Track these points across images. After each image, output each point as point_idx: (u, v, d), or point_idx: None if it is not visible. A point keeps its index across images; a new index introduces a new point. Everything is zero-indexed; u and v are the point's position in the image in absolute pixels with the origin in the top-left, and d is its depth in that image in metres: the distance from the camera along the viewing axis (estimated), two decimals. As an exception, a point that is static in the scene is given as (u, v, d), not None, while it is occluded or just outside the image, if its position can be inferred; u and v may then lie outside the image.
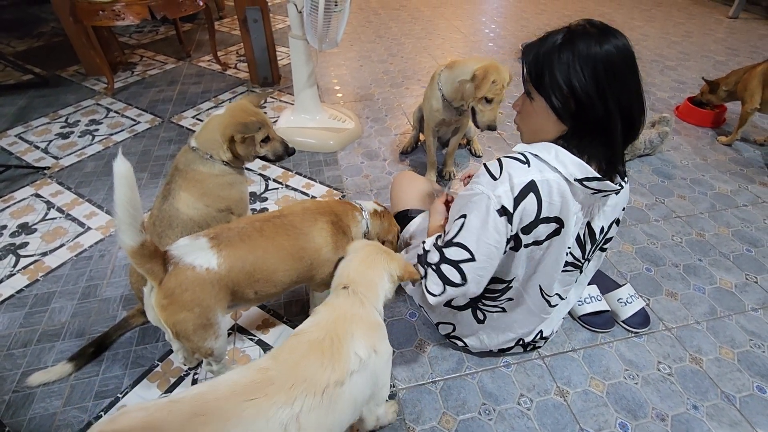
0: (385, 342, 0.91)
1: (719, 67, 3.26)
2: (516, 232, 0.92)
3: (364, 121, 2.54)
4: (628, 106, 0.85)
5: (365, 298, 0.90)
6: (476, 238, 0.90)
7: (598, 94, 0.82)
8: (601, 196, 0.93)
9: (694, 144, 2.40)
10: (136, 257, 0.87)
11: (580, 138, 0.88)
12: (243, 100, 1.39)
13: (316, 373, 0.76)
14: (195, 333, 0.97)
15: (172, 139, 2.34)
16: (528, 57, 0.90)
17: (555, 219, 0.92)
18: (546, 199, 0.89)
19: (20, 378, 1.24)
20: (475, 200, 0.90)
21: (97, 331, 1.36)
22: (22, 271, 1.58)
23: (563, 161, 0.87)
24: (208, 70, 3.14)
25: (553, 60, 0.84)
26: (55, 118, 2.52)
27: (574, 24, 0.86)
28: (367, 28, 4.01)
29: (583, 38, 0.82)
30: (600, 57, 0.81)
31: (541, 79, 0.87)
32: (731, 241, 1.76)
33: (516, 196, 0.87)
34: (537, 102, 0.90)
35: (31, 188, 1.98)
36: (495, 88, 1.63)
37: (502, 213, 0.88)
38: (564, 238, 0.96)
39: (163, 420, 0.66)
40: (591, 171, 0.87)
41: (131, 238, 0.84)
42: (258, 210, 1.88)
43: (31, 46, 3.48)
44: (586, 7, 4.65)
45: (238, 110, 1.32)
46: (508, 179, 0.88)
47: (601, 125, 0.85)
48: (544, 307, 1.13)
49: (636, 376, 1.28)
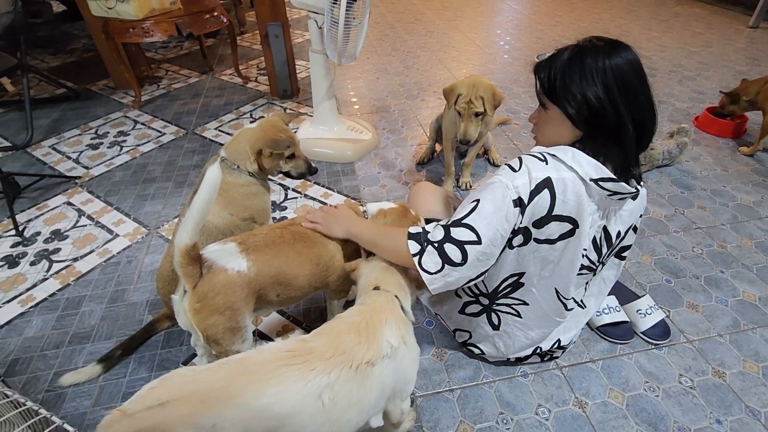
0: (414, 339, 0.96)
1: (739, 77, 3.20)
2: (526, 225, 0.95)
3: (380, 132, 2.59)
4: (640, 113, 0.90)
5: (396, 296, 0.96)
6: (487, 223, 0.93)
7: (610, 102, 0.88)
8: (617, 198, 0.95)
9: (714, 154, 2.37)
10: (185, 257, 0.91)
11: (594, 141, 0.93)
12: (274, 116, 1.44)
13: (353, 348, 0.82)
14: (224, 336, 1.01)
15: (195, 150, 2.42)
16: (540, 72, 0.96)
17: (568, 219, 0.94)
18: (560, 197, 0.92)
19: (53, 378, 1.30)
20: (491, 187, 0.94)
21: (124, 335, 1.41)
22: (54, 275, 1.65)
23: (579, 161, 0.91)
24: (229, 84, 3.25)
25: (564, 72, 0.91)
26: (85, 129, 2.64)
27: (582, 40, 0.93)
28: (383, 41, 4.09)
29: (591, 52, 0.88)
30: (610, 68, 0.87)
31: (554, 89, 0.93)
32: (754, 253, 1.73)
33: (532, 190, 0.91)
34: (551, 111, 0.96)
35: (64, 196, 2.07)
36: (461, 101, 1.74)
37: (517, 204, 0.92)
38: (579, 239, 0.97)
39: (210, 379, 0.72)
40: (607, 172, 0.90)
41: (190, 237, 0.89)
42: (278, 218, 1.93)
43: (64, 62, 3.65)
44: (602, 18, 4.65)
45: (269, 126, 1.37)
46: (527, 172, 0.92)
47: (614, 130, 0.90)
48: (561, 310, 1.13)
49: (657, 388, 1.27)
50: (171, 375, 0.74)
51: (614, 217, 1.02)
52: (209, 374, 0.74)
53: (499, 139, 2.51)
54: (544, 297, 1.11)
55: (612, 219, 1.02)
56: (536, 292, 1.10)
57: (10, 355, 1.37)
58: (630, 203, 1.02)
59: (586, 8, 5.06)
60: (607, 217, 1.01)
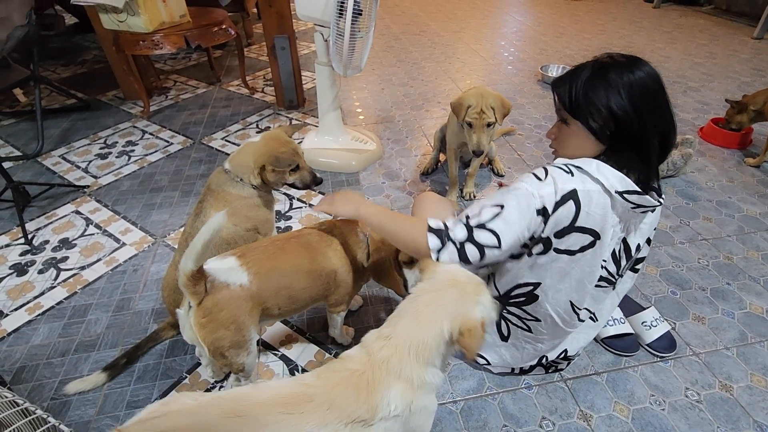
0: (429, 397, 0.85)
1: (744, 88, 3.22)
2: (548, 235, 0.95)
3: (385, 142, 2.61)
4: (663, 123, 0.93)
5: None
6: (511, 230, 0.93)
7: (635, 114, 0.90)
8: (641, 211, 0.96)
9: (719, 165, 2.36)
10: (191, 279, 0.93)
11: (618, 154, 0.94)
12: (278, 129, 1.46)
13: (350, 404, 0.77)
14: (230, 350, 1.02)
15: (202, 160, 2.45)
16: (560, 88, 0.97)
17: (591, 231, 0.95)
18: (585, 209, 0.92)
19: (58, 386, 1.31)
20: (517, 194, 0.94)
21: (129, 343, 1.42)
22: (62, 284, 1.67)
23: (604, 173, 0.92)
24: (236, 94, 3.30)
25: (588, 88, 0.92)
26: (95, 139, 2.68)
27: (601, 56, 0.95)
28: (388, 52, 4.14)
29: (614, 67, 0.91)
30: (634, 82, 0.89)
31: (577, 104, 0.94)
32: (761, 264, 1.72)
33: (558, 200, 0.91)
34: (573, 126, 0.97)
35: (72, 205, 2.10)
36: (472, 112, 1.76)
37: (540, 213, 0.92)
38: (599, 250, 0.98)
39: (207, 413, 0.72)
40: (632, 184, 0.91)
41: (195, 264, 0.91)
42: (282, 228, 1.95)
43: (74, 73, 3.72)
44: (606, 30, 4.68)
45: (273, 141, 1.38)
46: (553, 183, 0.92)
47: (638, 142, 0.92)
48: (574, 321, 1.12)
49: (663, 401, 1.26)
50: (173, 400, 0.74)
51: (634, 230, 1.03)
52: (207, 408, 0.73)
53: (503, 149, 2.52)
54: (557, 310, 1.10)
55: (632, 232, 1.03)
56: (549, 306, 1.09)
57: (17, 363, 1.38)
58: (649, 216, 1.03)
59: (590, 20, 5.10)
60: (627, 230, 1.02)
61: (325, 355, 1.40)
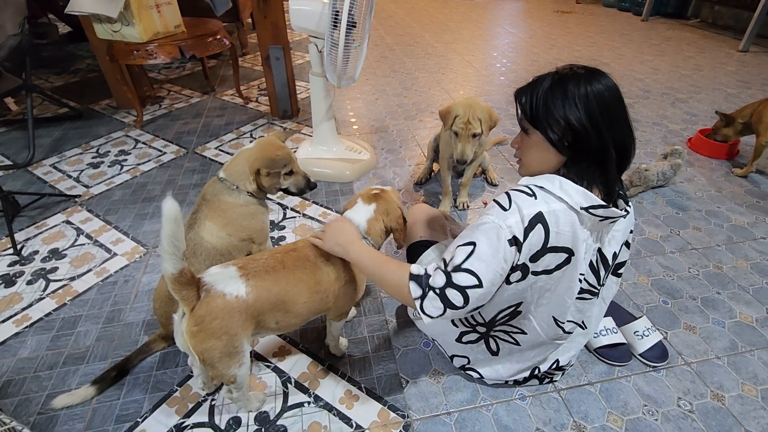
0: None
1: (731, 99, 3.29)
2: (524, 261, 0.95)
3: (379, 152, 2.62)
4: (621, 136, 0.93)
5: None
6: (486, 266, 0.93)
7: (592, 127, 0.90)
8: (609, 222, 0.97)
9: (708, 176, 2.40)
10: (175, 284, 0.92)
11: (578, 165, 0.95)
12: (271, 136, 1.47)
13: None
14: (221, 360, 1.00)
15: (195, 169, 2.44)
16: (521, 98, 0.98)
17: (564, 249, 0.95)
18: (553, 229, 0.92)
19: (45, 400, 1.28)
20: (485, 228, 0.93)
21: (119, 355, 1.40)
22: (51, 295, 1.64)
23: (567, 191, 0.92)
24: (231, 104, 3.30)
25: (547, 99, 0.93)
26: (87, 148, 2.67)
27: (560, 68, 0.95)
28: (382, 63, 4.18)
29: (573, 79, 0.91)
30: (591, 94, 0.89)
31: (537, 115, 0.95)
32: (750, 274, 1.74)
33: (526, 227, 0.91)
34: (534, 136, 0.98)
35: (63, 215, 2.08)
36: (459, 122, 1.79)
37: (512, 243, 0.92)
38: (575, 266, 0.98)
39: None
40: (595, 199, 0.91)
41: (172, 266, 0.90)
42: (276, 238, 1.94)
43: (67, 82, 3.71)
44: (595, 42, 4.77)
45: (267, 145, 1.39)
46: (518, 210, 0.92)
47: (597, 154, 0.92)
48: (558, 333, 1.13)
49: (656, 412, 1.26)
50: None
51: (608, 239, 1.04)
52: None
53: (496, 159, 2.55)
54: (541, 325, 1.11)
55: (606, 241, 1.03)
56: (534, 320, 1.10)
57: (3, 377, 1.35)
58: (621, 222, 1.03)
59: (581, 32, 5.20)
60: (601, 240, 1.02)
61: (318, 367, 1.39)
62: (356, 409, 1.27)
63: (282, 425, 1.23)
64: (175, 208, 0.85)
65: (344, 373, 1.37)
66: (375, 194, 1.24)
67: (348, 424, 1.23)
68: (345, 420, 1.24)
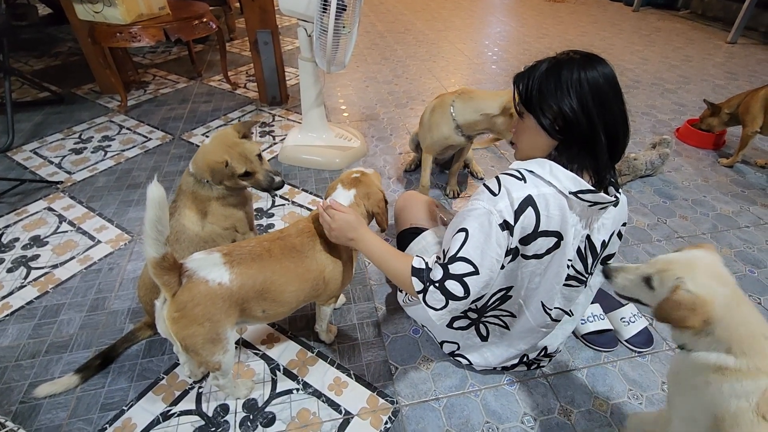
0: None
1: (719, 90, 3.32)
2: (516, 245, 0.95)
3: (369, 140, 2.60)
4: (613, 124, 0.92)
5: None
6: (481, 252, 0.93)
7: (583, 113, 0.89)
8: (599, 208, 0.97)
9: (695, 165, 2.43)
10: (156, 268, 0.90)
11: (569, 150, 0.94)
12: (229, 129, 1.32)
13: None
14: (204, 347, 0.99)
15: (182, 156, 2.39)
16: (518, 83, 0.98)
17: (554, 233, 0.95)
18: (544, 212, 0.92)
19: (27, 389, 1.26)
20: (476, 215, 0.93)
21: (104, 344, 1.38)
22: (32, 283, 1.60)
23: (557, 176, 0.92)
24: (218, 90, 3.23)
25: (541, 83, 0.92)
26: (69, 134, 2.59)
27: (559, 53, 0.95)
28: (373, 50, 4.12)
29: (567, 64, 0.90)
30: (585, 80, 0.88)
31: (530, 100, 0.95)
32: (734, 262, 1.77)
33: (516, 210, 0.91)
34: (527, 121, 0.98)
35: (44, 202, 2.02)
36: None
37: (504, 227, 0.92)
38: (564, 251, 0.98)
39: None
40: (584, 184, 0.91)
41: (155, 251, 0.88)
42: (264, 226, 1.92)
43: (48, 65, 3.60)
44: (587, 32, 4.76)
45: (218, 146, 1.27)
46: (507, 194, 0.92)
47: (588, 140, 0.92)
48: (545, 320, 1.14)
49: (640, 396, 1.28)
50: None
51: (597, 226, 1.04)
52: None
53: (487, 149, 2.54)
54: (530, 309, 1.11)
55: (595, 228, 1.03)
56: (523, 303, 1.11)
57: (-17, 366, 1.32)
58: (611, 211, 1.03)
59: (572, 21, 5.18)
60: (590, 227, 1.02)
61: (307, 354, 1.39)
62: (345, 395, 1.27)
63: (270, 412, 1.22)
64: (161, 192, 0.84)
65: (333, 360, 1.37)
66: (355, 178, 1.21)
67: (337, 410, 1.23)
68: (334, 406, 1.24)
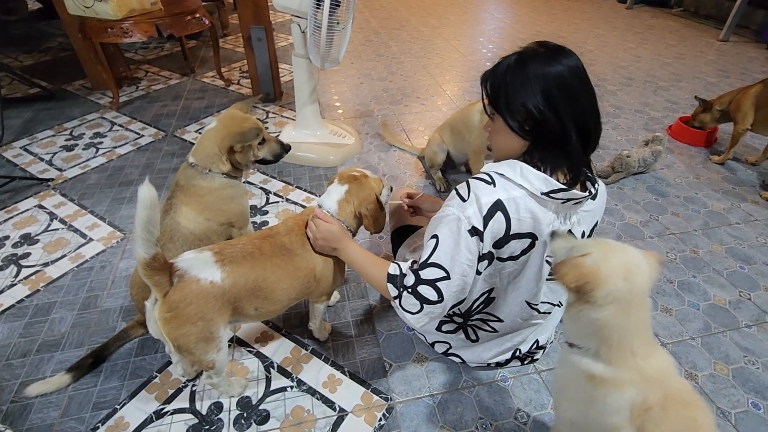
0: None
1: (710, 88, 3.34)
2: (489, 249, 0.95)
3: (363, 137, 2.59)
4: (582, 118, 0.88)
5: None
6: (450, 257, 0.92)
7: (550, 111, 0.86)
8: (573, 203, 0.94)
9: (687, 162, 2.45)
10: (147, 269, 0.89)
11: (541, 150, 0.91)
12: (231, 109, 1.41)
13: None
14: (197, 346, 0.98)
15: (174, 153, 2.37)
16: (485, 82, 0.94)
17: (527, 234, 0.94)
18: (514, 216, 0.91)
19: (18, 388, 1.25)
20: (446, 221, 0.93)
21: (96, 342, 1.37)
22: (23, 281, 1.59)
23: (528, 178, 0.90)
24: (211, 86, 3.21)
25: (507, 82, 0.89)
26: (60, 131, 2.56)
27: (525, 47, 0.91)
28: (367, 47, 4.10)
29: (533, 60, 0.87)
30: (551, 76, 0.85)
31: (497, 101, 0.92)
32: (725, 258, 1.79)
33: (484, 216, 0.90)
34: (497, 122, 0.94)
35: (35, 199, 2.00)
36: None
37: (473, 233, 0.91)
38: (540, 249, 0.98)
39: None
40: (555, 183, 0.88)
41: (145, 251, 0.87)
42: (259, 223, 1.91)
43: (38, 61, 3.55)
44: (581, 29, 4.77)
45: (231, 120, 1.34)
46: (476, 200, 0.90)
47: (558, 138, 0.89)
48: (533, 314, 1.14)
49: (632, 391, 1.29)
50: None
51: (576, 219, 1.00)
52: None
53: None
54: (513, 309, 1.11)
55: (574, 221, 1.00)
56: (507, 304, 1.11)
57: (-27, 365, 1.31)
58: (590, 203, 1.01)
59: (566, 18, 5.19)
60: (569, 221, 1.00)
61: (301, 351, 1.38)
62: (339, 392, 1.27)
63: (264, 409, 1.22)
64: (152, 193, 0.83)
65: (327, 358, 1.37)
66: (353, 176, 1.20)
67: (331, 407, 1.23)
68: (328, 403, 1.24)
